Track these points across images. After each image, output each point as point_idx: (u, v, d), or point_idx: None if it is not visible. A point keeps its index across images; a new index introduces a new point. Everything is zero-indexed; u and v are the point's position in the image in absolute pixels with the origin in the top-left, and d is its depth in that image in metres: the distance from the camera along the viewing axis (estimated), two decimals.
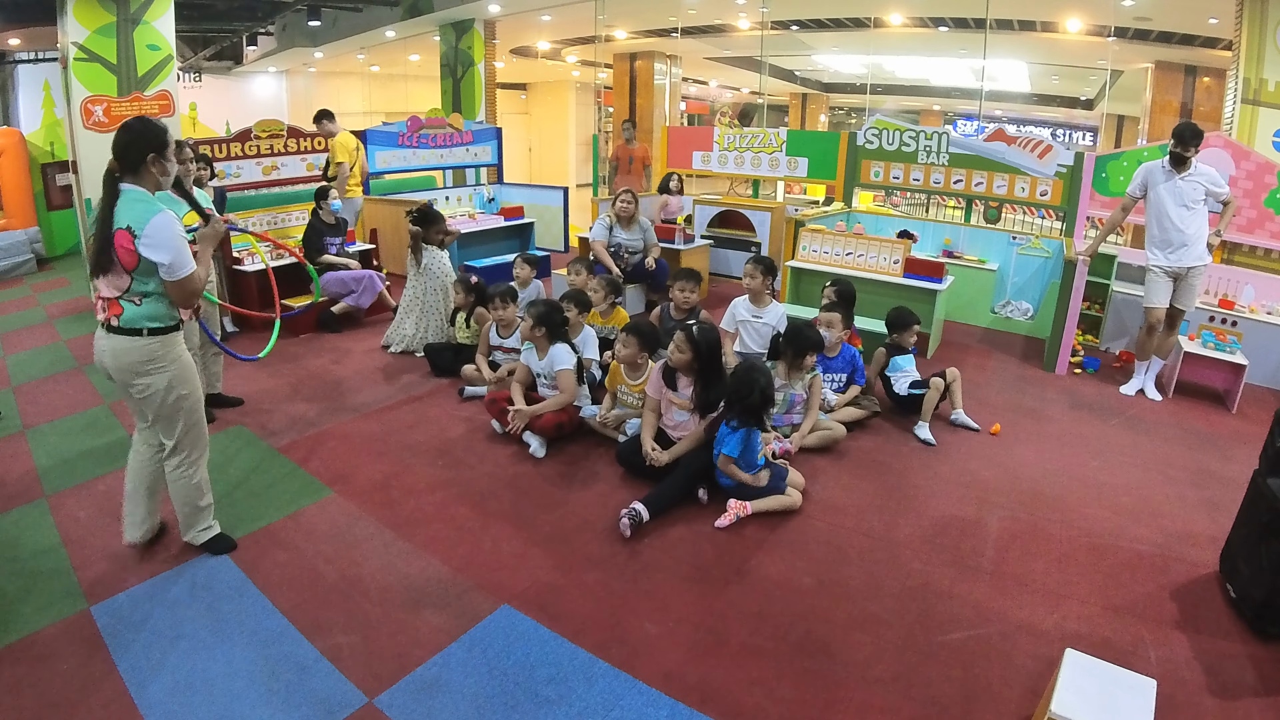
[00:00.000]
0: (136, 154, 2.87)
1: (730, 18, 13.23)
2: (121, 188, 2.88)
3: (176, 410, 3.10)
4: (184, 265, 2.88)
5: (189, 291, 2.95)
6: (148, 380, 3.00)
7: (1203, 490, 4.14)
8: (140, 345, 2.95)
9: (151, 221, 2.80)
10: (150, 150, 2.89)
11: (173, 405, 3.08)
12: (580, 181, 20.32)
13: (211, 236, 3.21)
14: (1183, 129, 5.13)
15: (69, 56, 7.43)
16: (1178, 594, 3.21)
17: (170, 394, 3.05)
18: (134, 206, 2.82)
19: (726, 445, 3.67)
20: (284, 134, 7.95)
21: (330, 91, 20.64)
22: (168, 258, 2.83)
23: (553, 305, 4.62)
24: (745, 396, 3.67)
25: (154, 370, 2.99)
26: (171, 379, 3.04)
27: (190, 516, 3.33)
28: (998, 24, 11.04)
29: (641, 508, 3.58)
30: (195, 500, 3.30)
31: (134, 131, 2.89)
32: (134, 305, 2.91)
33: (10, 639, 2.84)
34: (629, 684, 2.61)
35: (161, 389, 3.03)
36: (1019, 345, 6.69)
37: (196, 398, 3.18)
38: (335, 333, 6.72)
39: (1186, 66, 11.17)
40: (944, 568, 3.34)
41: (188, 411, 3.15)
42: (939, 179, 7.64)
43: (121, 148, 2.89)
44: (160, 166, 2.93)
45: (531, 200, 10.16)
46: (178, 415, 3.12)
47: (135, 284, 2.88)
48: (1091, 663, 2.30)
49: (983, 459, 4.43)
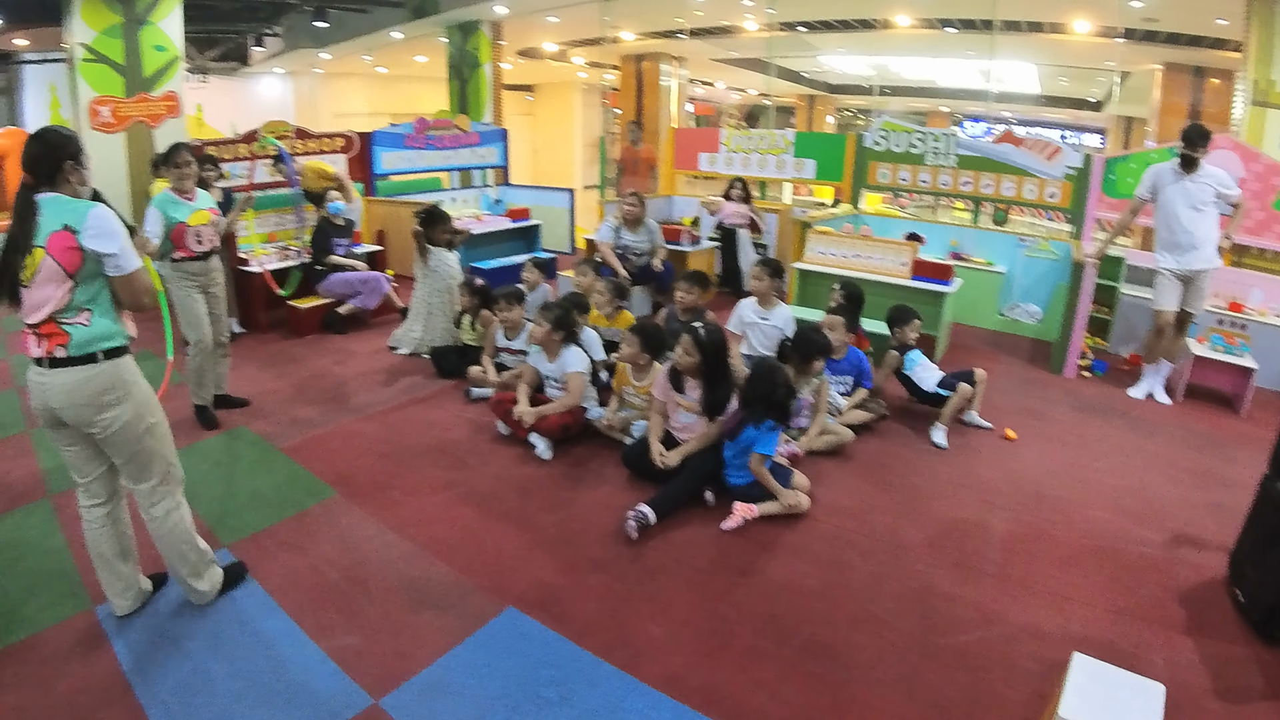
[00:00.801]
0: (52, 163, 2.60)
1: (737, 19, 13.23)
2: (39, 199, 2.58)
3: (150, 445, 2.78)
4: (132, 258, 2.64)
5: (142, 288, 2.68)
6: (112, 414, 2.65)
7: (1210, 494, 4.11)
8: (97, 372, 2.60)
9: (91, 213, 2.56)
10: (66, 157, 2.63)
11: (145, 437, 2.75)
12: (586, 183, 20.32)
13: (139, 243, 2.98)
14: (1191, 130, 5.11)
15: (76, 57, 7.47)
16: (1184, 598, 3.19)
17: (139, 424, 2.72)
18: (64, 206, 2.57)
19: (761, 444, 3.67)
20: (291, 135, 7.97)
21: (336, 93, 20.75)
22: (115, 246, 2.57)
23: (568, 308, 4.62)
24: (770, 393, 3.67)
25: (118, 400, 2.65)
26: (138, 405, 2.72)
27: (195, 566, 2.98)
28: (1005, 25, 11.02)
29: (648, 510, 3.57)
30: (195, 543, 2.97)
31: (46, 142, 2.62)
32: (82, 326, 2.58)
33: (13, 639, 2.84)
34: (633, 686, 2.61)
35: (130, 420, 2.69)
36: (1026, 348, 6.67)
37: (166, 426, 2.87)
38: (340, 334, 6.73)
39: (1195, 68, 11.14)
40: (948, 570, 3.33)
41: (161, 441, 2.83)
42: (947, 181, 7.62)
43: (34, 159, 2.61)
44: (78, 175, 2.67)
45: (538, 202, 10.16)
46: (152, 451, 2.79)
47: (79, 293, 2.56)
48: (1100, 667, 2.29)
49: (988, 462, 4.41)
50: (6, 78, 16.29)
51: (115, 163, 7.55)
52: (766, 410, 3.68)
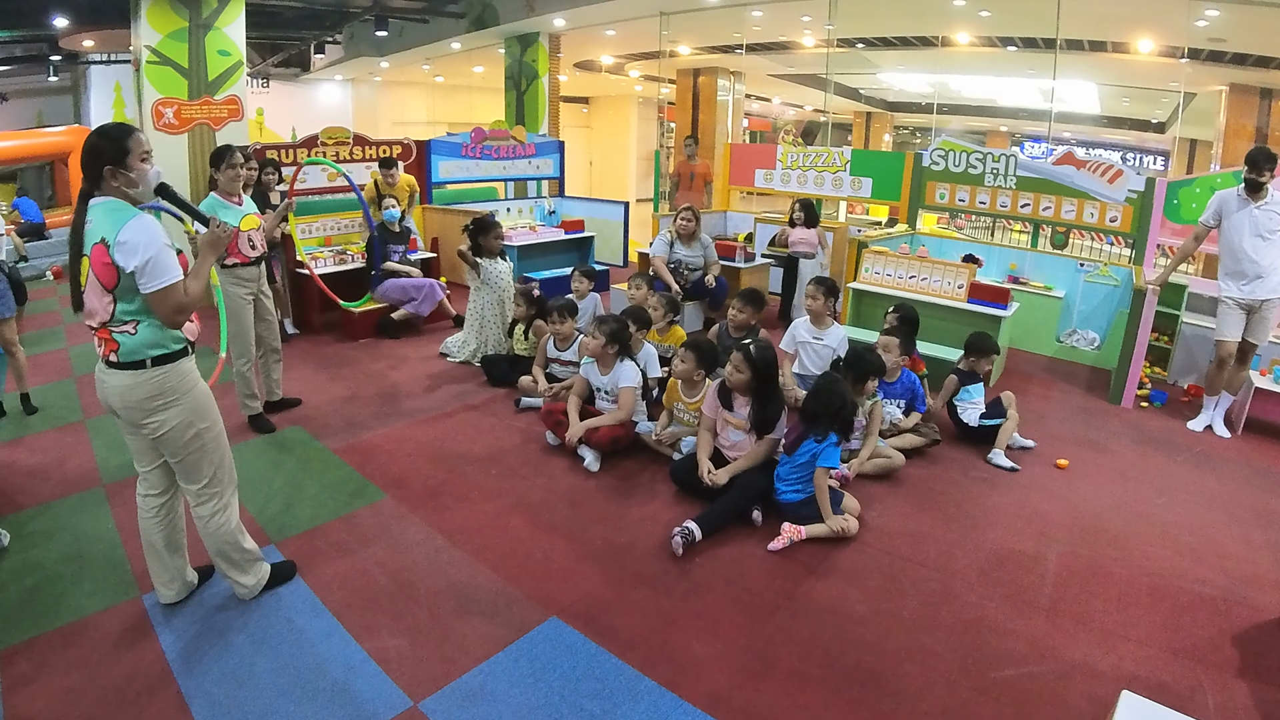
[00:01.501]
0: (93, 167, 2.55)
1: (795, 35, 13.20)
2: (92, 203, 2.56)
3: (199, 448, 2.80)
4: (163, 272, 2.51)
5: (173, 306, 2.56)
6: (160, 418, 2.68)
7: (1270, 532, 3.98)
8: (146, 379, 2.63)
9: (127, 225, 2.48)
10: (105, 162, 2.55)
11: (192, 442, 2.77)
12: (641, 196, 20.41)
13: (212, 243, 2.81)
14: (1256, 154, 4.96)
15: (141, 59, 7.68)
16: (1240, 639, 3.08)
17: (188, 430, 2.74)
18: (107, 217, 2.51)
19: (825, 458, 3.65)
20: (349, 141, 8.12)
21: (395, 101, 21.11)
22: (140, 260, 2.47)
23: (623, 322, 4.63)
24: (834, 406, 3.67)
25: (165, 405, 2.68)
26: (186, 413, 2.73)
27: (239, 564, 3.03)
28: (1068, 44, 10.84)
29: (694, 527, 3.56)
30: (240, 544, 3.01)
31: (89, 145, 2.56)
32: (129, 335, 2.59)
33: (62, 621, 2.94)
34: (674, 703, 2.59)
35: (177, 425, 2.71)
36: (1084, 376, 6.52)
37: (218, 430, 2.87)
38: (394, 339, 6.83)
39: (1262, 89, 10.83)
40: (1000, 602, 3.26)
41: (211, 448, 2.84)
42: (1005, 202, 7.50)
43: (82, 161, 2.57)
44: (123, 178, 2.58)
45: (592, 214, 10.23)
46: (200, 454, 2.81)
47: (120, 307, 2.56)
48: (1149, 707, 2.21)
49: (1044, 492, 4.32)
50: (73, 77, 16.83)
51: (178, 164, 7.75)
52: (830, 424, 3.66)
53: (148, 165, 2.62)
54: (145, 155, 2.62)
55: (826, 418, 3.67)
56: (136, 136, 2.61)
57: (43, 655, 2.74)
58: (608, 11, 11.72)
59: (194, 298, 2.63)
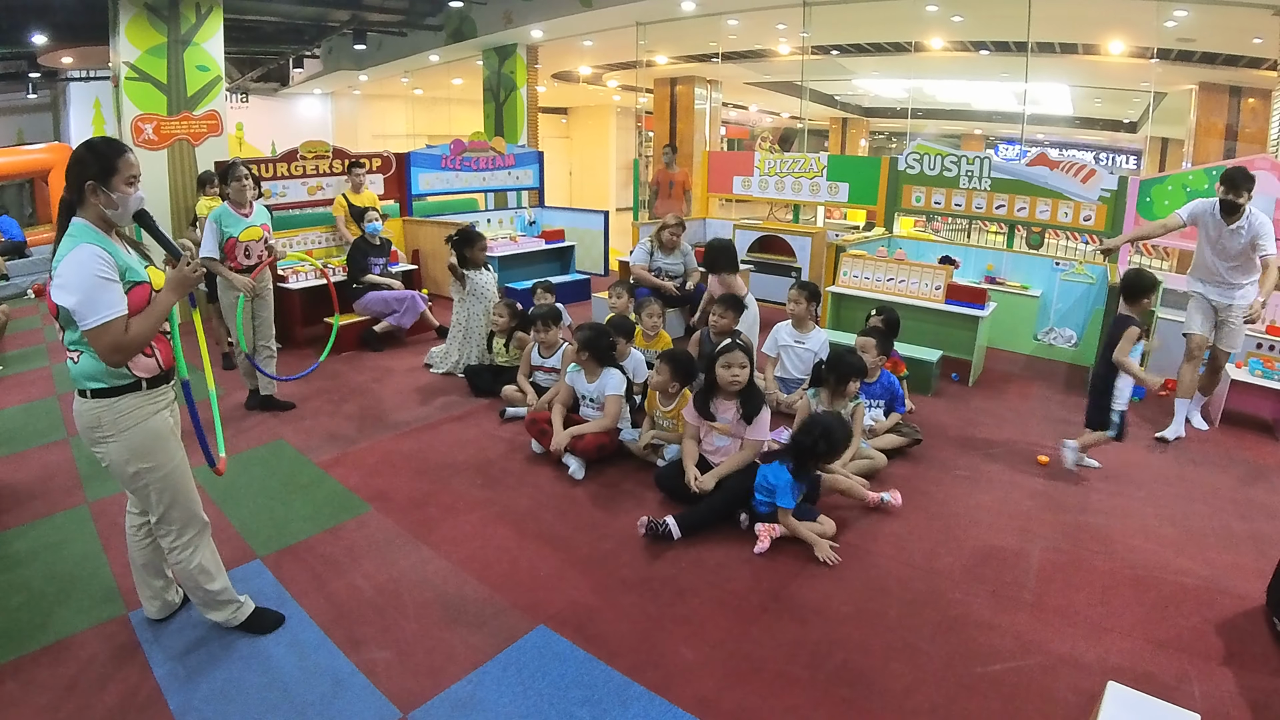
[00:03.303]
0: (75, 182, 2.41)
1: (771, 42, 13.30)
2: (72, 223, 2.42)
3: (142, 486, 2.62)
4: (95, 310, 2.31)
5: (109, 344, 2.35)
6: (100, 450, 2.55)
7: (1250, 522, 4.03)
8: (85, 409, 2.50)
9: (65, 259, 2.32)
10: (87, 177, 2.40)
11: (133, 480, 2.60)
12: (621, 205, 20.43)
13: (178, 283, 2.54)
14: (1235, 174, 4.77)
15: (120, 75, 7.66)
16: (1223, 628, 3.13)
17: (127, 467, 2.57)
18: (64, 244, 2.37)
19: (781, 498, 3.61)
20: (329, 155, 8.11)
21: (374, 114, 21.08)
22: (73, 299, 2.30)
23: (599, 330, 4.63)
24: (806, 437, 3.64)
25: (103, 439, 2.52)
26: (123, 451, 2.54)
27: (205, 602, 2.88)
28: (1039, 47, 10.98)
29: (672, 523, 3.63)
30: (202, 585, 2.82)
31: (75, 155, 2.42)
32: (72, 363, 2.47)
33: (48, 640, 2.92)
34: (664, 708, 2.60)
35: (115, 461, 2.56)
36: (1062, 373, 6.59)
37: (165, 471, 2.64)
38: (377, 351, 6.82)
39: (1231, 88, 11.00)
40: (984, 598, 3.29)
41: (157, 488, 2.64)
42: (981, 204, 7.58)
43: (67, 171, 2.44)
44: (103, 198, 2.42)
45: (572, 223, 10.26)
46: (147, 491, 2.64)
47: (66, 335, 2.44)
48: (1134, 697, 2.24)
49: (1025, 489, 4.36)
50: (52, 94, 16.73)
51: (158, 180, 7.73)
52: (796, 453, 3.65)
53: (132, 190, 2.47)
54: (132, 179, 2.48)
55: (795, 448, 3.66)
56: (127, 157, 2.47)
57: (30, 675, 2.72)
58: (585, 22, 11.79)
59: (135, 336, 2.41)
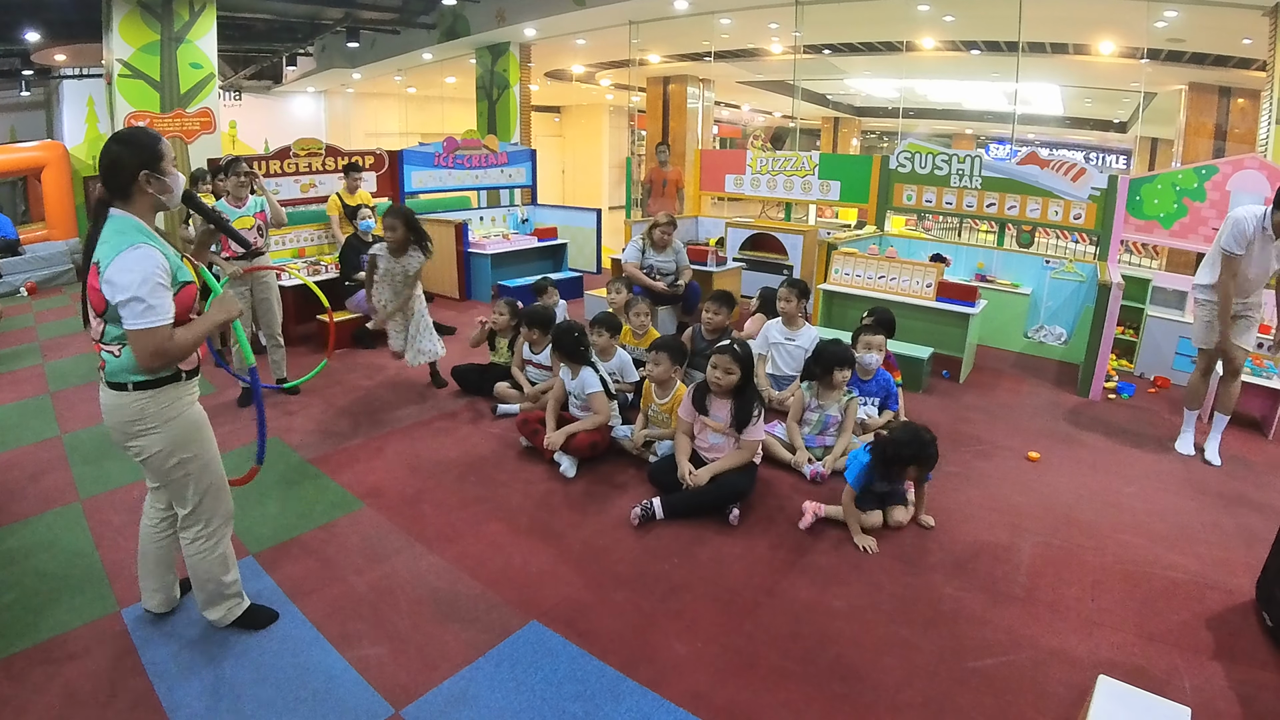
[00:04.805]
0: (125, 173, 2.41)
1: (763, 42, 13.31)
2: (110, 214, 2.43)
3: (181, 476, 2.66)
4: (145, 315, 2.33)
5: (151, 349, 2.36)
6: (140, 443, 2.55)
7: (1239, 517, 4.06)
8: (128, 402, 2.50)
9: (119, 259, 2.32)
10: (141, 166, 2.42)
11: (174, 470, 2.63)
12: (613, 204, 20.44)
13: (224, 305, 2.66)
14: None
15: (114, 73, 7.65)
16: (1213, 622, 3.15)
17: (169, 458, 2.60)
18: (113, 238, 2.37)
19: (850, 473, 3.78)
20: (322, 153, 8.09)
21: (368, 112, 21.04)
22: (125, 295, 2.31)
23: (563, 328, 4.61)
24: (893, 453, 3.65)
25: (145, 431, 2.53)
26: (167, 441, 2.57)
27: (212, 595, 2.88)
28: (1030, 47, 11.00)
29: (656, 503, 3.72)
30: (218, 576, 2.84)
31: (113, 154, 2.42)
32: (114, 356, 2.47)
33: (41, 637, 2.90)
34: (656, 703, 2.61)
35: (158, 453, 2.57)
36: (1053, 370, 6.62)
37: (205, 460, 2.70)
38: (369, 348, 6.81)
39: (1221, 88, 11.05)
40: (976, 593, 3.30)
41: (196, 477, 2.68)
42: (971, 203, 7.60)
43: (106, 169, 2.42)
44: (158, 184, 2.47)
45: (565, 222, 10.27)
46: (184, 481, 2.67)
47: (109, 329, 2.44)
48: (1125, 690, 2.26)
49: (1016, 485, 4.38)
50: (45, 92, 16.66)
51: None
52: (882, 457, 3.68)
53: (176, 171, 2.56)
54: (174, 160, 2.55)
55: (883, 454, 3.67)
56: (164, 141, 2.52)
57: (23, 672, 2.71)
58: (578, 21, 11.79)
59: (179, 346, 2.43)
